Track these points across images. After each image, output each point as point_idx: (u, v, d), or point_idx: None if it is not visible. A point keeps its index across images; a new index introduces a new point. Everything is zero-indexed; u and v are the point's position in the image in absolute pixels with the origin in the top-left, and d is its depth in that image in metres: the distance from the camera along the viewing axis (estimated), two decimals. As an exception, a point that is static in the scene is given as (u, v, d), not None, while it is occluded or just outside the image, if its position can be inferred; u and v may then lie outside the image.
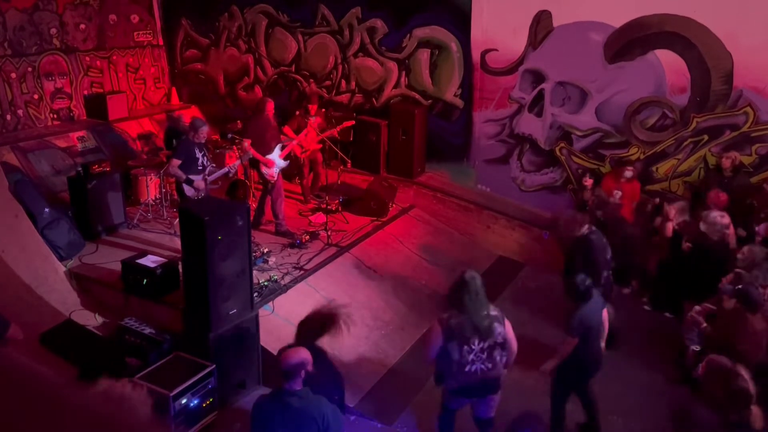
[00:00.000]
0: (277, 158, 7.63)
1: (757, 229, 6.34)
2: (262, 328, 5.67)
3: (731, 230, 6.33)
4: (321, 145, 8.75)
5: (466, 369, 4.28)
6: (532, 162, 8.97)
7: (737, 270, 5.38)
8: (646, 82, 7.90)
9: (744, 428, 3.39)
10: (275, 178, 7.62)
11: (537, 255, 8.43)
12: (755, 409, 3.43)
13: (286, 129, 8.54)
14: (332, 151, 9.15)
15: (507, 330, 4.39)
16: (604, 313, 5.03)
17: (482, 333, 4.27)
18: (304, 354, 3.57)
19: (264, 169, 7.56)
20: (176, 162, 6.80)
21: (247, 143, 7.53)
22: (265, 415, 3.53)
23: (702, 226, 6.09)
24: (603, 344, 5.10)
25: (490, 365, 4.33)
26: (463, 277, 4.37)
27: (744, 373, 3.50)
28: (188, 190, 6.88)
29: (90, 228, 7.42)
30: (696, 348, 4.92)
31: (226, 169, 7.38)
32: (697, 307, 5.41)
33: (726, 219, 6.08)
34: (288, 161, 7.95)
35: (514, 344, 4.44)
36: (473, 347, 4.26)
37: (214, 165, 7.25)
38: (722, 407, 3.39)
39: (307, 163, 8.87)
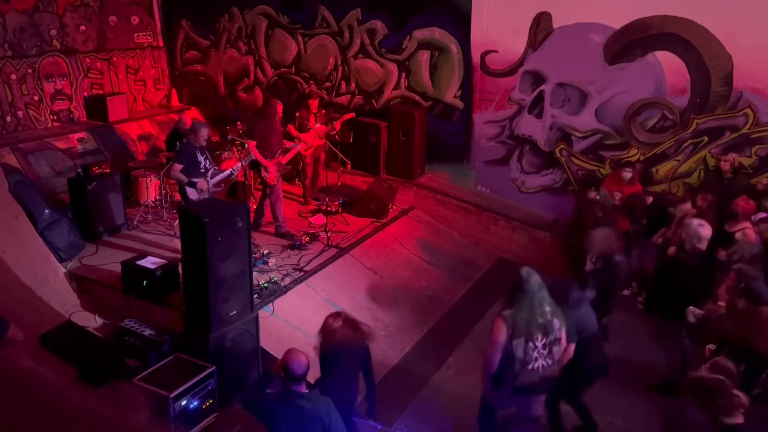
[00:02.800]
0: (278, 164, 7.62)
1: (754, 218, 6.36)
2: (262, 330, 5.66)
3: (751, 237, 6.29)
4: (323, 141, 8.74)
5: (529, 367, 4.18)
6: (532, 163, 8.98)
7: (737, 267, 5.36)
8: (646, 84, 7.91)
9: (736, 429, 3.40)
10: (275, 182, 7.61)
11: (537, 256, 8.42)
12: (741, 395, 3.46)
13: (290, 127, 8.55)
14: (332, 152, 9.16)
15: (563, 327, 4.35)
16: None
17: (545, 329, 4.21)
18: (306, 358, 3.70)
19: (264, 173, 7.56)
20: (178, 166, 6.79)
21: (251, 144, 7.51)
22: (272, 412, 3.60)
23: (684, 236, 5.91)
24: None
25: (550, 361, 4.27)
26: (521, 275, 4.30)
27: (728, 381, 3.52)
28: (191, 193, 6.86)
29: (90, 229, 7.42)
30: (712, 347, 4.92)
31: (228, 171, 7.37)
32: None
33: (707, 230, 5.83)
34: (290, 166, 7.94)
35: (564, 341, 4.38)
36: (537, 344, 4.19)
37: (216, 167, 7.24)
38: (713, 413, 3.40)
39: (311, 161, 8.87)
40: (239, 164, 7.60)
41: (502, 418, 4.39)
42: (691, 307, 5.35)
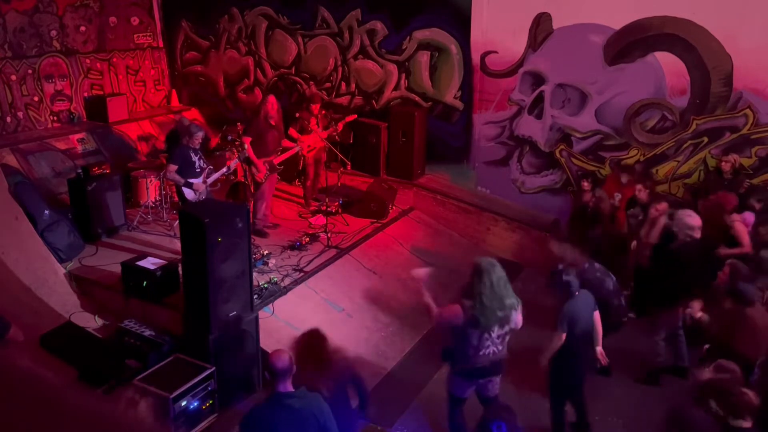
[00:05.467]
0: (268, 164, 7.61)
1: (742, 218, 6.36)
2: (262, 330, 5.67)
3: (742, 230, 6.28)
4: (325, 143, 8.75)
5: (481, 353, 4.38)
6: (532, 164, 8.98)
7: (730, 261, 5.33)
8: (646, 84, 7.91)
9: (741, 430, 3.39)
10: (262, 181, 7.61)
11: (537, 257, 8.42)
12: (751, 395, 3.44)
13: (291, 131, 8.54)
14: (332, 153, 9.15)
15: (519, 315, 4.49)
16: (596, 316, 5.03)
17: (502, 321, 4.35)
18: (288, 355, 3.65)
19: (254, 170, 7.56)
20: (173, 167, 6.82)
21: (246, 140, 7.52)
22: (267, 421, 3.48)
23: (673, 227, 5.89)
24: (600, 349, 5.11)
25: (501, 348, 4.46)
26: (480, 266, 4.35)
27: (743, 388, 3.50)
28: (189, 194, 6.87)
29: (90, 230, 7.42)
30: (706, 346, 4.92)
31: (224, 170, 7.37)
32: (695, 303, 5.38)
33: (695, 219, 5.81)
34: (282, 167, 7.95)
35: (520, 324, 4.53)
36: (492, 335, 4.35)
37: (211, 167, 7.25)
38: (721, 418, 3.39)
39: (312, 162, 8.86)
40: (234, 161, 7.61)
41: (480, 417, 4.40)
42: (688, 310, 5.35)
